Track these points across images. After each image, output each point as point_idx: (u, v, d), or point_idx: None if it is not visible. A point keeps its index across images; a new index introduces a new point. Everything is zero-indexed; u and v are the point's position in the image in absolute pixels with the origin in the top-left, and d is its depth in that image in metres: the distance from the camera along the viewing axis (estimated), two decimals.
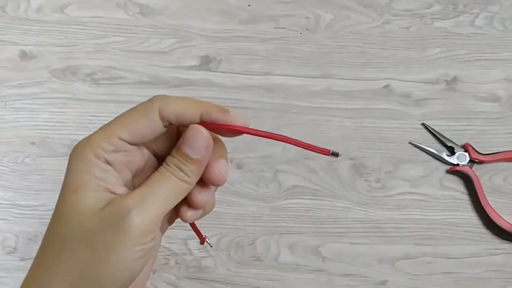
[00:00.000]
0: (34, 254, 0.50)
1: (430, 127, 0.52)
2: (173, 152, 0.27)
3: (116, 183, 0.27)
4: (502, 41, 0.56)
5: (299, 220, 0.51)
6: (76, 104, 0.54)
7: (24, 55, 0.55)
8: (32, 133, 0.53)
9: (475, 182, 0.50)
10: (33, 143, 0.53)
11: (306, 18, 0.57)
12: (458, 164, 0.51)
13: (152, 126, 0.27)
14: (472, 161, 0.51)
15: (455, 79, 0.55)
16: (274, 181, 0.52)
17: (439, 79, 0.55)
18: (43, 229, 0.51)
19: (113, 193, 0.26)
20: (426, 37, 0.56)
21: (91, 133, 0.28)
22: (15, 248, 0.51)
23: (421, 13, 0.57)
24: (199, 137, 0.27)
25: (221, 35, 0.56)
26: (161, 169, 0.27)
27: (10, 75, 0.54)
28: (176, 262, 0.50)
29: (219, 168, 0.28)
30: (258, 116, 0.53)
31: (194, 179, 0.27)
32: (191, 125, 0.27)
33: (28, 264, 0.50)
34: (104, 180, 0.26)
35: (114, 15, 0.56)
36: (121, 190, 0.27)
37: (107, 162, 0.27)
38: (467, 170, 0.50)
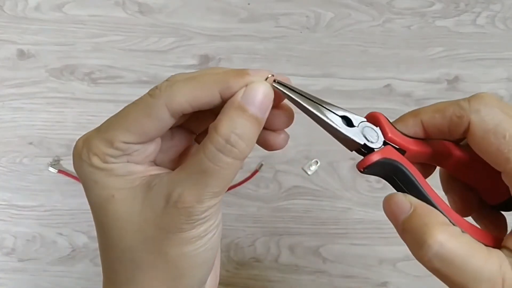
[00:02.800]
0: (32, 255, 0.50)
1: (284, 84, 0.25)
2: (226, 115, 0.22)
3: (142, 170, 0.24)
4: (503, 40, 0.55)
5: (299, 221, 0.51)
6: (74, 104, 0.53)
7: (22, 54, 0.54)
8: (30, 133, 0.53)
9: (413, 174, 0.25)
10: (31, 143, 0.52)
11: (307, 16, 0.56)
12: (367, 148, 0.25)
13: (160, 124, 0.22)
14: (387, 144, 0.26)
15: (456, 78, 0.54)
16: (274, 181, 0.51)
17: (441, 79, 0.54)
18: (41, 230, 0.51)
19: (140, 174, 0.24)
20: (428, 36, 0.55)
21: (85, 137, 0.24)
22: (13, 249, 0.50)
23: (422, 11, 0.56)
24: (265, 92, 0.22)
25: (220, 34, 0.55)
26: (201, 156, 0.22)
27: (8, 74, 0.54)
28: None
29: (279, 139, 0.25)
30: None
31: (248, 152, 0.22)
32: (255, 82, 0.22)
33: (26, 265, 0.50)
34: (132, 174, 0.23)
35: (113, 13, 0.56)
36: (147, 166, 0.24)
37: (120, 161, 0.23)
38: (389, 155, 0.25)
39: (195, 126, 0.27)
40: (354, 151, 0.26)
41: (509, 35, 0.56)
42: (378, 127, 0.26)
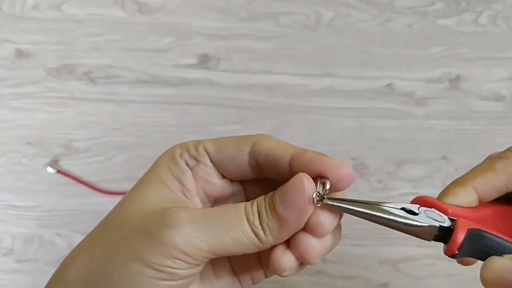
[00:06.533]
0: (31, 256, 0.50)
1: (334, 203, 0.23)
2: (267, 195, 0.23)
3: (192, 190, 0.24)
4: (505, 40, 0.55)
5: None
6: (73, 104, 0.53)
7: (20, 54, 0.54)
8: (29, 133, 0.52)
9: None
10: (29, 143, 0.52)
11: (307, 16, 0.56)
12: (443, 230, 0.23)
13: (238, 156, 0.24)
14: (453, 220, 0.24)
15: (458, 77, 0.54)
16: None
17: (442, 78, 0.54)
18: (40, 231, 0.50)
19: (186, 196, 0.24)
20: (429, 35, 0.55)
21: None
22: (11, 250, 0.50)
23: (423, 10, 0.56)
24: (297, 190, 0.21)
25: (220, 33, 0.55)
26: (240, 204, 0.23)
27: (6, 74, 0.54)
28: None
29: (304, 245, 0.23)
30: (258, 116, 0.53)
31: (270, 240, 0.22)
32: (299, 173, 0.22)
33: (24, 266, 0.50)
34: (180, 182, 0.24)
35: (112, 12, 0.55)
36: (195, 199, 0.25)
37: (187, 165, 0.25)
38: (469, 225, 0.23)
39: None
40: (432, 240, 0.24)
41: (511, 34, 0.55)
42: (433, 208, 0.24)
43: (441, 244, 0.24)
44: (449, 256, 0.23)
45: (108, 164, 0.51)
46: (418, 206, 0.24)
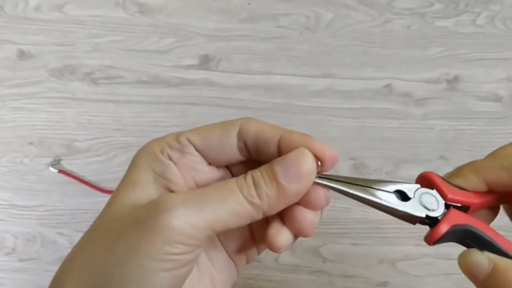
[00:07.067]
0: (32, 255, 0.50)
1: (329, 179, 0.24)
2: (260, 168, 0.23)
3: (178, 182, 0.24)
4: (503, 40, 0.55)
5: None
6: (74, 104, 0.53)
7: (22, 55, 0.55)
8: (30, 133, 0.53)
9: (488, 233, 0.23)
10: (31, 143, 0.52)
11: (306, 17, 0.56)
12: (430, 218, 0.24)
13: (226, 140, 0.24)
14: (448, 206, 0.24)
15: (456, 78, 0.54)
16: None
17: (440, 79, 0.54)
18: (42, 230, 0.51)
19: (173, 190, 0.24)
20: (427, 36, 0.56)
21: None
22: (13, 249, 0.50)
23: (422, 12, 0.56)
24: (302, 162, 0.22)
25: (220, 34, 0.55)
26: (231, 179, 0.22)
27: (8, 74, 0.54)
28: None
29: (303, 219, 0.23)
30: (257, 116, 0.53)
31: (265, 208, 0.22)
32: (300, 147, 0.22)
33: (26, 265, 0.50)
34: (164, 177, 0.23)
35: (113, 14, 0.56)
36: (184, 190, 0.24)
37: (170, 159, 0.24)
38: (456, 221, 0.23)
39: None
40: (417, 224, 0.24)
41: (509, 35, 0.56)
42: (434, 189, 0.24)
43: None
44: (427, 243, 0.24)
45: (109, 164, 0.52)
46: (417, 187, 0.24)
